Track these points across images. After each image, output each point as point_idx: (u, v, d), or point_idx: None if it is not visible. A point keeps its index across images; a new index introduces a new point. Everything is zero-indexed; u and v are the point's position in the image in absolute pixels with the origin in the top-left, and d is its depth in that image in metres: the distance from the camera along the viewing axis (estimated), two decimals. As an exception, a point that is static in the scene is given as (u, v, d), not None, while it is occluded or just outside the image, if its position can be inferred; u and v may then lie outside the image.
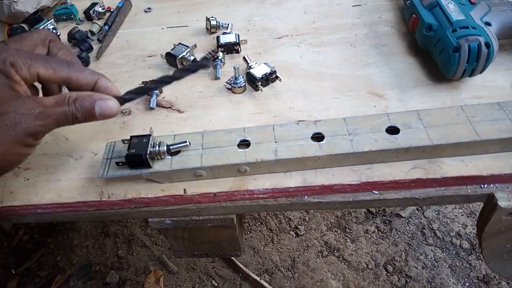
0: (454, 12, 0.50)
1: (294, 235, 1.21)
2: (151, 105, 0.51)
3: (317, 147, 0.41)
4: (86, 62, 0.60)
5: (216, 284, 1.13)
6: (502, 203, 0.38)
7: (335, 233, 1.21)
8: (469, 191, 0.40)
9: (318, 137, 0.42)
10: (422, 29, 0.51)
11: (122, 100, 0.40)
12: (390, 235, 1.19)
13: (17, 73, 0.36)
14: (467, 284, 1.07)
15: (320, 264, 1.14)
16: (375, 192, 0.41)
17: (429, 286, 1.07)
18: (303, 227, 1.23)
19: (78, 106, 0.37)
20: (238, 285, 1.12)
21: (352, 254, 1.15)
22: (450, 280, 1.08)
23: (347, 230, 1.21)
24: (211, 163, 0.40)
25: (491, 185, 0.40)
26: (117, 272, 1.18)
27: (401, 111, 0.45)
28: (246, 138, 0.42)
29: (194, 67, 0.41)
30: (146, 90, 0.42)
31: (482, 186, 0.40)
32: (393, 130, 0.41)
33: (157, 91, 0.52)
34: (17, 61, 0.36)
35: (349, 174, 0.41)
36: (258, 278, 1.10)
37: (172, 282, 1.14)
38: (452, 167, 0.40)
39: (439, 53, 0.48)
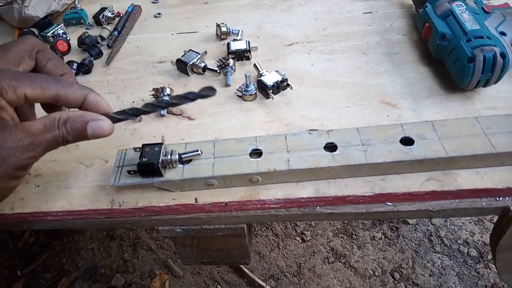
0: (469, 22, 0.49)
1: (300, 241, 1.21)
2: (161, 113, 0.51)
3: (330, 158, 0.40)
4: (88, 69, 0.59)
5: (221, 289, 1.13)
6: (518, 216, 0.38)
7: (342, 239, 1.20)
8: (484, 204, 0.39)
9: (331, 147, 0.42)
10: (435, 38, 0.51)
11: (114, 119, 0.38)
12: (397, 242, 1.18)
13: (2, 97, 0.33)
14: (475, 293, 1.06)
15: (326, 270, 1.13)
16: (389, 203, 0.40)
17: (436, 294, 1.06)
18: (309, 232, 1.22)
19: (69, 129, 0.35)
20: (243, 291, 1.12)
21: (358, 261, 1.15)
22: (457, 289, 1.07)
23: (353, 236, 1.21)
24: (223, 172, 0.40)
25: (507, 198, 0.39)
26: (122, 276, 1.18)
27: (415, 121, 0.44)
28: (258, 147, 0.42)
29: (194, 95, 0.38)
30: (141, 112, 0.38)
31: (497, 199, 0.39)
32: (407, 141, 0.41)
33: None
34: (0, 84, 0.33)
35: (362, 185, 0.41)
36: (263, 284, 1.09)
37: (178, 286, 1.14)
38: (467, 179, 0.40)
39: (453, 63, 0.48)
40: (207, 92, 0.37)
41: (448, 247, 1.16)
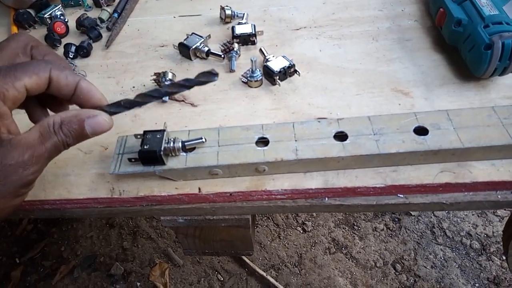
0: (486, 7, 0.47)
1: (301, 231, 1.20)
2: (163, 99, 0.49)
3: (341, 147, 0.38)
4: (87, 52, 0.57)
5: (222, 279, 1.12)
6: (536, 211, 0.36)
7: (343, 230, 1.19)
8: (499, 196, 0.38)
9: (341, 136, 0.40)
10: (450, 24, 0.49)
11: (109, 113, 0.35)
12: (399, 233, 1.17)
13: (3, 100, 0.30)
14: (477, 285, 1.06)
15: (327, 261, 1.12)
16: (400, 195, 0.38)
17: (438, 286, 1.05)
18: (310, 223, 1.21)
19: (67, 132, 0.32)
20: (244, 280, 1.11)
21: (360, 252, 1.14)
22: (459, 281, 1.06)
23: (355, 227, 1.20)
24: (227, 161, 0.38)
25: (524, 192, 0.37)
26: (121, 264, 1.17)
27: (428, 110, 0.42)
28: (265, 136, 0.40)
29: (191, 83, 0.35)
30: (136, 104, 0.35)
31: (515, 192, 0.37)
32: (421, 131, 0.39)
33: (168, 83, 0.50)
34: None
35: (373, 176, 0.39)
36: (264, 274, 1.09)
37: (178, 275, 1.14)
38: (483, 171, 0.38)
39: (468, 50, 0.46)
40: (207, 78, 0.34)
41: (451, 239, 1.15)
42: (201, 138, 0.39)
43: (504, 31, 0.43)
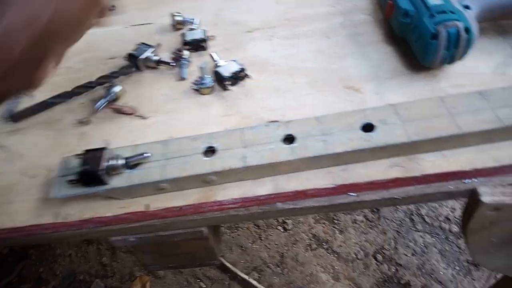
0: (431, -4, 0.47)
1: (282, 230, 1.19)
2: (96, 106, 0.47)
3: (289, 151, 0.38)
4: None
5: (205, 286, 1.11)
6: (485, 198, 0.36)
7: (323, 225, 1.19)
8: (451, 187, 0.37)
9: (290, 139, 0.39)
10: (398, 15, 0.48)
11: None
12: (379, 224, 1.18)
13: None
14: (457, 268, 1.07)
15: (309, 257, 1.12)
16: (352, 194, 0.38)
17: (419, 272, 1.06)
18: (290, 221, 1.21)
19: None
20: (227, 286, 1.10)
21: (341, 246, 1.14)
22: (440, 265, 1.08)
23: (335, 221, 1.20)
24: (174, 174, 0.37)
25: (474, 180, 0.37)
26: (102, 280, 1.15)
27: (379, 105, 0.42)
28: (212, 145, 0.39)
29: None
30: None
31: (465, 181, 0.37)
32: (368, 127, 0.39)
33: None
34: None
35: (323, 177, 0.38)
36: (247, 277, 1.08)
37: (159, 287, 1.12)
38: (432, 163, 0.38)
39: (416, 41, 0.46)
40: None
41: (430, 225, 1.16)
42: (146, 153, 0.38)
43: (448, 20, 0.43)
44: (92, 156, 0.36)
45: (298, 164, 0.38)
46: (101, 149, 0.36)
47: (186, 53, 0.53)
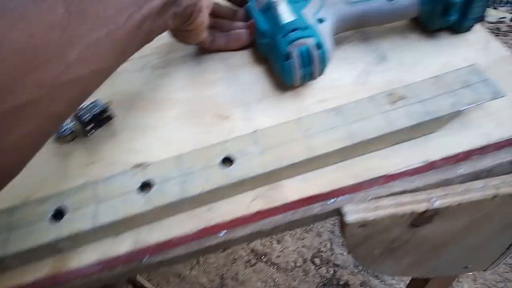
0: (285, 13, 0.46)
1: (220, 251, 1.17)
2: None
3: (145, 200, 0.35)
4: None
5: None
6: (349, 217, 0.36)
7: (261, 238, 1.18)
8: (317, 210, 0.37)
9: (146, 186, 0.36)
10: (257, 36, 0.48)
11: None
12: (314, 227, 1.19)
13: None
14: (390, 257, 1.10)
15: (249, 274, 1.10)
16: (220, 234, 0.36)
17: (356, 270, 1.08)
18: (227, 239, 1.18)
19: None
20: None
21: (279, 256, 1.13)
22: (374, 258, 1.10)
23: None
24: (16, 248, 0.33)
25: (337, 199, 0.37)
26: None
27: (247, 131, 0.40)
28: (61, 206, 0.35)
29: None
30: None
31: (328, 202, 0.37)
32: (228, 161, 0.37)
33: None
34: None
35: (188, 221, 0.36)
36: (186, 307, 1.04)
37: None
38: (294, 189, 0.37)
39: (275, 61, 0.45)
40: None
41: (361, 219, 1.19)
42: (-21, 229, 0.33)
43: (298, 38, 0.43)
44: None
45: (157, 212, 0.35)
46: None
47: (46, 99, 0.49)
